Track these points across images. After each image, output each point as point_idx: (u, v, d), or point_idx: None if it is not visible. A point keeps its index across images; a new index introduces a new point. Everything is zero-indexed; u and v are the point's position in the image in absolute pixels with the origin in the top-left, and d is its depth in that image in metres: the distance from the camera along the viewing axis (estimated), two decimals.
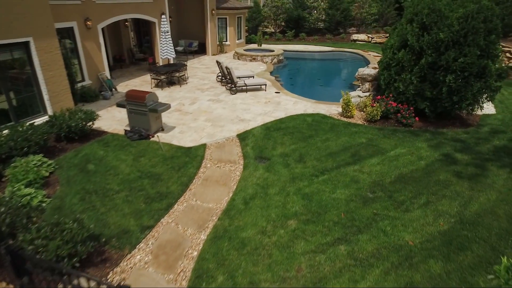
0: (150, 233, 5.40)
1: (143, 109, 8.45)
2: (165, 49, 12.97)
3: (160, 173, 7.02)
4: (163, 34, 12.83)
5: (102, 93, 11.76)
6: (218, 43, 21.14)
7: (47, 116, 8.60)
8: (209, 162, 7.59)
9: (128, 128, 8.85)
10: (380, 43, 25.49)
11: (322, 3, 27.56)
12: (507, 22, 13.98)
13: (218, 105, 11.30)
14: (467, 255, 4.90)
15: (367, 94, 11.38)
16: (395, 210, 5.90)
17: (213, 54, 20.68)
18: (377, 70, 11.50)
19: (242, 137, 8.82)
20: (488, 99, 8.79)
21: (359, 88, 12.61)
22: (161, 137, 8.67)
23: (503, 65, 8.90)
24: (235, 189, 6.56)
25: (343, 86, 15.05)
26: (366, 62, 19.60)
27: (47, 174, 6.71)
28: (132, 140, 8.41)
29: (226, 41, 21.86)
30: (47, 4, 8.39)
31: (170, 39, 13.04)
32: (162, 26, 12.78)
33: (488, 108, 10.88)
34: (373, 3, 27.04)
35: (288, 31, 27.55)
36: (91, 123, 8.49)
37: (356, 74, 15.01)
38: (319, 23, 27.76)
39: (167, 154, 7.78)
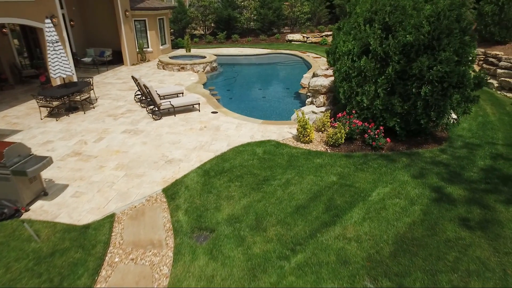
0: None
1: (2, 172, 5.29)
2: (56, 65, 9.55)
3: None
4: (51, 44, 9.41)
5: None
6: (137, 50, 17.78)
7: None
8: (118, 251, 4.80)
9: None
10: (315, 42, 24.51)
11: (253, 2, 25.61)
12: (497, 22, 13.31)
13: (137, 138, 8.38)
14: None
15: (322, 109, 9.49)
16: None
17: (133, 64, 17.28)
18: (331, 79, 9.68)
19: (171, 192, 6.15)
20: (465, 111, 7.43)
21: (308, 100, 10.72)
22: (41, 211, 5.59)
23: (479, 71, 7.62)
24: None
25: (288, 96, 13.13)
26: (306, 65, 18.10)
27: None
28: None
29: (148, 47, 18.58)
30: None
31: (63, 51, 9.65)
32: (47, 34, 9.35)
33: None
34: (305, 2, 25.92)
35: (219, 32, 25.05)
36: None
37: (305, 83, 13.25)
38: (251, 23, 25.77)
39: (44, 247, 4.77)
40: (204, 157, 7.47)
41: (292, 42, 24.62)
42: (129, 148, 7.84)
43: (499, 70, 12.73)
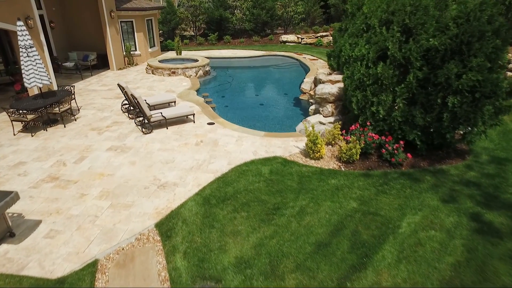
0: None
1: None
2: (30, 73, 8.42)
3: None
4: (24, 50, 8.28)
5: None
6: (124, 53, 16.63)
7: None
8: None
9: None
10: (310, 43, 23.72)
11: (245, 2, 24.64)
12: None
13: (124, 157, 7.35)
14: None
15: (331, 119, 8.61)
16: None
17: (120, 68, 16.13)
18: (338, 86, 8.82)
19: (166, 228, 5.17)
20: (495, 123, 6.64)
21: (312, 107, 9.85)
22: (5, 259, 4.54)
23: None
24: None
25: (287, 102, 12.24)
26: (303, 68, 17.28)
27: None
28: None
29: (136, 50, 17.44)
30: None
31: (38, 57, 8.53)
32: (20, 38, 8.22)
33: None
34: (299, 1, 25.10)
35: (210, 34, 24.01)
36: None
37: (306, 88, 12.38)
38: (244, 23, 24.79)
39: None
40: (202, 179, 6.50)
41: (286, 43, 23.78)
42: (115, 170, 6.81)
43: (508, 73, 12.10)
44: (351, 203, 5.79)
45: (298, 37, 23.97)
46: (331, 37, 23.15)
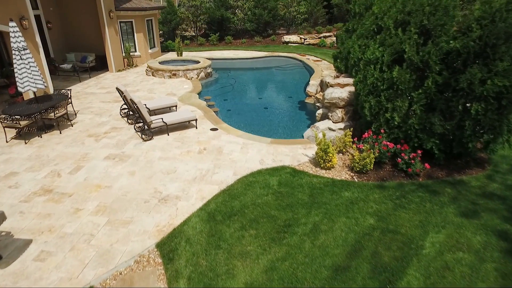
0: None
1: None
2: (24, 76, 7.98)
3: None
4: (17, 52, 7.84)
5: None
6: (124, 54, 16.18)
7: None
8: None
9: None
10: (313, 44, 23.30)
11: (247, 2, 24.19)
12: None
13: (123, 167, 6.91)
14: None
15: (341, 125, 8.17)
16: None
17: (119, 70, 15.68)
18: (348, 90, 8.38)
19: (168, 249, 4.72)
20: None
21: (319, 112, 9.41)
22: None
23: None
24: None
25: (292, 106, 11.80)
26: (307, 69, 16.84)
27: None
28: None
29: (135, 51, 16.99)
30: None
31: (32, 60, 8.09)
32: (13, 40, 7.78)
33: None
34: (301, 1, 24.66)
35: (211, 34, 23.57)
36: None
37: (312, 91, 11.94)
38: (245, 24, 24.33)
39: None
40: (206, 191, 6.06)
41: (289, 44, 23.34)
42: (113, 181, 6.37)
43: None
44: (368, 219, 5.35)
45: (300, 38, 23.53)
46: (335, 38, 22.77)
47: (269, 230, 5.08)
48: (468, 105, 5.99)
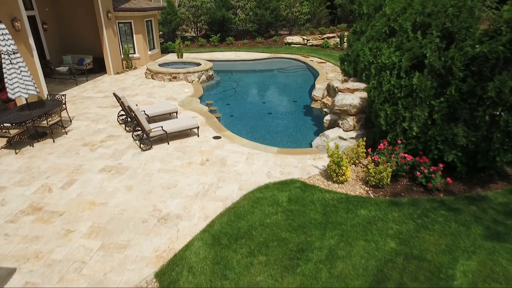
0: None
1: None
2: (14, 82, 7.48)
3: None
4: (7, 56, 7.34)
5: None
6: (122, 56, 15.68)
7: None
8: None
9: None
10: (317, 45, 22.81)
11: (249, 2, 23.67)
12: None
13: (119, 181, 6.40)
14: None
15: (353, 134, 7.67)
16: None
17: (117, 73, 15.17)
18: (359, 96, 7.87)
19: (168, 279, 4.21)
20: None
21: (327, 118, 8.89)
22: None
23: None
24: None
25: (298, 111, 11.29)
26: (312, 72, 16.35)
27: None
28: None
29: (134, 53, 16.49)
30: None
31: (23, 64, 7.59)
32: (1, 43, 7.27)
33: None
34: (304, 2, 24.15)
35: (212, 35, 23.07)
36: None
37: (318, 95, 11.43)
38: (247, 24, 23.82)
39: None
40: (210, 209, 5.56)
41: (292, 45, 22.86)
42: (109, 197, 5.86)
43: None
44: (389, 242, 4.85)
45: (303, 39, 23.04)
46: (338, 39, 22.28)
47: (280, 256, 4.58)
48: (496, 113, 5.49)
